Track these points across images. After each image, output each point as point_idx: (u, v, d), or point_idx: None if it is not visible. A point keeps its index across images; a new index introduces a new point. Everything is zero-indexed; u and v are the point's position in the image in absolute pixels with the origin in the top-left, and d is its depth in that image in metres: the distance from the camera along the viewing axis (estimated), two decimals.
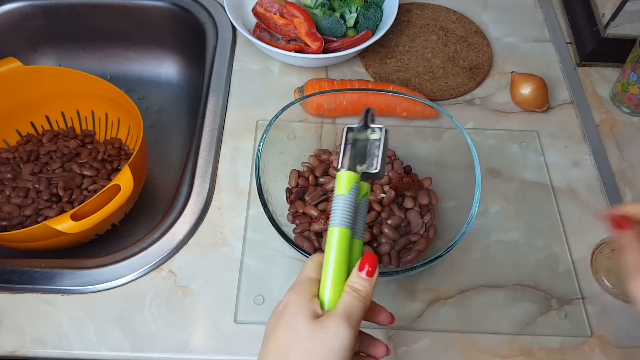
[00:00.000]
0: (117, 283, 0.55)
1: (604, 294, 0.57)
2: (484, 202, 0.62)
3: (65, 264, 0.57)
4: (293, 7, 0.71)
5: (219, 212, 0.61)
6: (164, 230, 0.59)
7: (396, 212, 0.55)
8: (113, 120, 0.74)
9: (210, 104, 0.70)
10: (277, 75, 0.74)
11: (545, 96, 0.69)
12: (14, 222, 0.64)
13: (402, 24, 0.80)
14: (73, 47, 0.87)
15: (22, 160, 0.70)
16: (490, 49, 0.78)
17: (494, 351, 0.53)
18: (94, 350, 0.52)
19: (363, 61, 0.76)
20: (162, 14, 0.83)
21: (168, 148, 0.82)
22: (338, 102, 0.65)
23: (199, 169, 0.64)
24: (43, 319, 0.53)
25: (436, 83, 0.73)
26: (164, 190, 0.76)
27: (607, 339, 0.54)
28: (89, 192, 0.68)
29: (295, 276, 0.56)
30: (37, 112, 0.74)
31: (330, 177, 0.58)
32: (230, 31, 0.78)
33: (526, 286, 0.57)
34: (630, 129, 0.71)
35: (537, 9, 0.84)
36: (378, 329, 0.54)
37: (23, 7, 0.81)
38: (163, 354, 0.52)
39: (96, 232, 0.62)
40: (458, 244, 0.49)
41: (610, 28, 0.72)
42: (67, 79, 0.69)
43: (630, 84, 0.69)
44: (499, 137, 0.69)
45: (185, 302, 0.55)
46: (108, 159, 0.72)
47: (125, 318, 0.54)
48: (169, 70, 0.89)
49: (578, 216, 0.62)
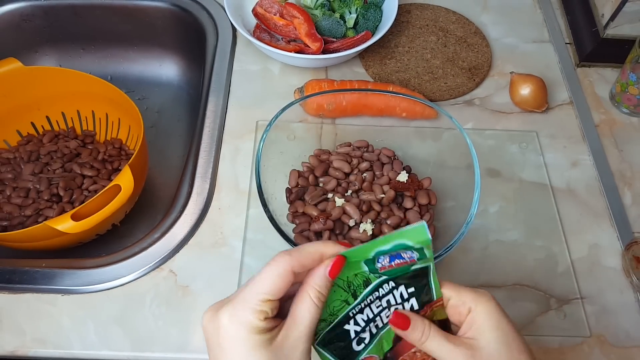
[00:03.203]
0: (118, 283, 0.55)
1: (604, 293, 0.57)
2: (483, 202, 0.62)
3: (66, 264, 0.57)
4: (293, 7, 0.71)
5: (219, 212, 0.61)
6: (165, 230, 0.59)
7: (395, 212, 0.55)
8: (113, 121, 0.74)
9: (211, 105, 0.70)
10: (277, 76, 0.74)
11: (544, 97, 0.70)
12: (14, 222, 0.64)
13: (402, 25, 0.80)
14: (73, 47, 0.87)
15: (23, 161, 0.71)
16: (490, 49, 0.78)
17: None
18: (95, 350, 0.52)
19: (363, 62, 0.76)
20: (162, 15, 0.83)
21: (168, 148, 0.82)
22: (338, 103, 0.66)
23: (199, 169, 0.64)
24: (43, 318, 0.53)
25: (436, 83, 0.73)
26: (165, 191, 0.76)
27: (606, 339, 0.54)
28: (89, 192, 0.68)
29: None
30: (37, 113, 0.74)
31: (330, 177, 0.58)
32: (230, 32, 0.78)
33: (525, 286, 0.57)
34: (629, 129, 0.71)
35: (536, 9, 0.84)
36: None
37: (23, 8, 0.81)
38: (163, 354, 0.52)
39: (97, 232, 0.63)
40: (457, 244, 0.49)
41: (610, 28, 0.72)
42: (67, 79, 0.69)
43: (630, 85, 0.69)
44: (498, 137, 0.69)
45: (185, 302, 0.55)
46: (108, 159, 0.72)
47: (126, 318, 0.54)
48: (169, 71, 0.89)
49: (577, 216, 0.62)
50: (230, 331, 0.30)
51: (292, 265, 0.31)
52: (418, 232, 0.33)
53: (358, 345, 0.35)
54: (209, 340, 0.31)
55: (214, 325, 0.31)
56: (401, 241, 0.33)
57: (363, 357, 0.35)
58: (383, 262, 0.34)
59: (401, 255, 0.34)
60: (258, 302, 0.30)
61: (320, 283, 0.31)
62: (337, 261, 0.32)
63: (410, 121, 0.68)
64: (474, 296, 0.35)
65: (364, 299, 0.35)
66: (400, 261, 0.34)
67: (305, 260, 0.32)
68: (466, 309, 0.35)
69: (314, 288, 0.31)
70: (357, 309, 0.35)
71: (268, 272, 0.31)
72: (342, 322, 0.34)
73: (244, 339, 0.30)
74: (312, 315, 0.31)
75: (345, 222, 0.54)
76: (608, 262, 0.59)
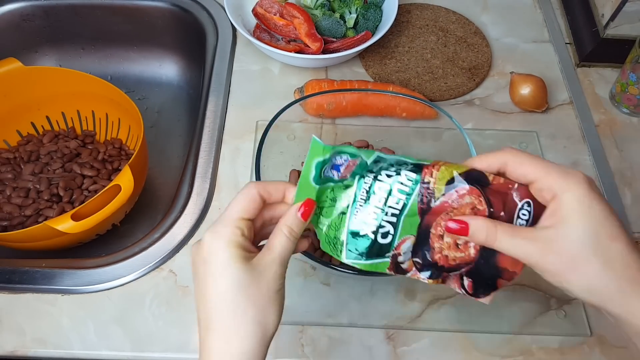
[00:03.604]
0: (118, 283, 0.55)
1: None
2: None
3: (66, 264, 0.57)
4: (293, 7, 0.71)
5: (219, 212, 0.61)
6: (165, 230, 0.59)
7: None
8: (113, 121, 0.74)
9: (211, 105, 0.70)
10: (277, 76, 0.74)
11: (544, 97, 0.70)
12: (14, 222, 0.64)
13: (402, 25, 0.80)
14: (73, 47, 0.87)
15: (23, 161, 0.71)
16: (490, 49, 0.78)
17: (493, 351, 0.53)
18: (95, 350, 0.52)
19: (363, 62, 0.76)
20: (162, 15, 0.83)
21: (168, 148, 0.82)
22: (338, 103, 0.66)
23: (199, 169, 0.64)
24: (43, 318, 0.53)
25: (436, 83, 0.73)
26: (164, 191, 0.76)
27: (606, 339, 0.54)
28: (89, 192, 0.68)
29: (295, 276, 0.57)
30: (37, 113, 0.74)
31: None
32: (230, 32, 0.78)
33: (525, 286, 0.57)
34: (629, 129, 0.71)
35: (536, 9, 0.84)
36: (377, 328, 0.54)
37: (23, 8, 0.82)
38: (163, 354, 0.52)
39: (97, 232, 0.63)
40: None
41: (610, 28, 0.72)
42: (67, 79, 0.69)
43: (630, 85, 0.69)
44: (498, 137, 0.69)
45: (185, 302, 0.55)
46: (108, 159, 0.72)
47: (126, 318, 0.54)
48: (169, 71, 0.89)
49: None
50: (212, 246, 0.34)
51: (258, 190, 0.36)
52: (314, 148, 0.37)
53: (384, 238, 0.37)
54: (195, 264, 0.35)
55: (198, 248, 0.35)
56: (314, 160, 0.37)
57: (397, 243, 0.37)
58: (334, 174, 0.37)
59: (336, 165, 0.37)
60: (234, 220, 0.35)
61: (291, 221, 0.36)
62: (307, 203, 0.36)
63: (410, 121, 0.68)
64: (561, 182, 0.31)
65: (355, 203, 0.37)
66: (344, 166, 0.37)
67: (269, 187, 0.36)
68: (550, 195, 0.32)
69: (286, 225, 0.36)
70: (356, 214, 0.37)
71: (239, 196, 0.36)
72: (355, 233, 0.37)
73: (224, 250, 0.34)
74: (283, 245, 0.35)
75: None
76: None
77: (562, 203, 0.31)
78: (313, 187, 0.37)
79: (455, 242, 0.36)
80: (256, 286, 0.33)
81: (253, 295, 0.33)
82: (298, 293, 0.56)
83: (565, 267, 0.31)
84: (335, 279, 0.57)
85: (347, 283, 0.57)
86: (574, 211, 0.30)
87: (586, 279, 0.30)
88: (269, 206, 0.37)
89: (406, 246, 0.37)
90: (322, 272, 0.57)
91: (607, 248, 0.30)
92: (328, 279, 0.57)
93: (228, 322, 0.33)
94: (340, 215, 0.38)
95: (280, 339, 0.53)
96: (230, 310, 0.33)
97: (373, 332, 0.54)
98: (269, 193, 0.36)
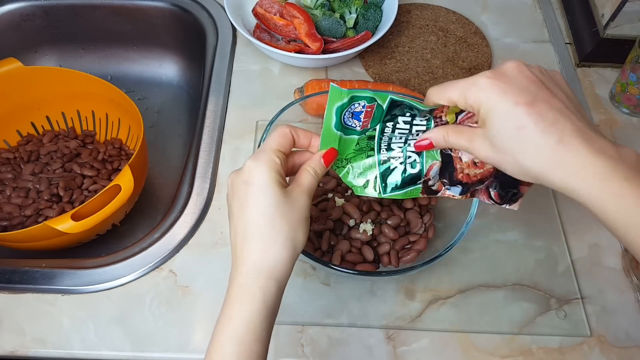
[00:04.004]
0: (118, 283, 0.55)
1: (604, 293, 0.57)
2: (482, 202, 0.62)
3: (66, 264, 0.57)
4: (293, 7, 0.71)
5: (219, 212, 0.61)
6: (164, 230, 0.59)
7: (395, 212, 0.55)
8: (113, 121, 0.74)
9: (211, 105, 0.70)
10: (277, 76, 0.74)
11: None
12: (14, 222, 0.65)
13: (402, 25, 0.80)
14: (73, 47, 0.87)
15: (23, 161, 0.71)
16: (490, 49, 0.78)
17: (493, 351, 0.53)
18: (95, 350, 0.52)
19: (363, 62, 0.76)
20: (162, 15, 0.83)
21: (168, 148, 0.82)
22: None
23: (199, 169, 0.64)
24: (43, 318, 0.53)
25: (436, 83, 0.73)
26: (164, 191, 0.76)
27: (606, 339, 0.54)
28: (89, 192, 0.68)
29: (295, 276, 0.57)
30: (37, 113, 0.74)
31: (330, 177, 0.58)
32: (230, 32, 0.78)
33: (525, 286, 0.57)
34: (629, 129, 0.71)
35: (536, 9, 0.84)
36: (377, 328, 0.54)
37: (23, 8, 0.82)
38: (163, 354, 0.52)
39: (97, 232, 0.63)
40: (457, 244, 0.49)
41: (610, 28, 0.72)
42: (67, 79, 0.69)
43: (630, 85, 0.69)
44: None
45: (185, 302, 0.55)
46: (108, 159, 0.72)
47: (126, 318, 0.54)
48: (169, 71, 0.89)
49: (577, 216, 0.62)
50: (255, 169, 0.39)
51: (290, 130, 0.41)
52: (333, 93, 0.40)
53: (413, 168, 0.43)
54: (234, 186, 0.40)
55: (238, 173, 0.40)
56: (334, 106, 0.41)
57: (426, 170, 0.43)
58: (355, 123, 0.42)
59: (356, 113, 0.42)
60: (273, 150, 0.40)
61: (315, 164, 0.42)
62: (330, 151, 0.42)
63: None
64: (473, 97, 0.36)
65: (381, 147, 0.43)
66: (363, 113, 0.42)
67: (299, 131, 0.42)
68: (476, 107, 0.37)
69: (311, 166, 0.41)
70: (383, 153, 0.43)
71: (274, 133, 0.41)
72: (386, 172, 0.43)
73: (265, 173, 0.38)
74: (309, 181, 0.41)
75: (345, 222, 0.54)
76: (608, 262, 0.59)
77: (479, 112, 0.37)
78: (335, 135, 0.42)
79: (472, 161, 0.41)
80: (290, 208, 0.38)
81: (288, 216, 0.38)
82: (298, 293, 0.56)
83: (496, 158, 0.37)
84: (335, 279, 0.57)
85: (347, 283, 0.57)
86: (485, 115, 0.36)
87: (511, 165, 0.36)
88: (299, 153, 0.43)
89: (434, 171, 0.43)
90: (322, 272, 0.57)
91: (517, 138, 0.35)
92: (328, 279, 0.57)
93: (267, 235, 0.38)
94: (369, 159, 0.43)
95: (280, 339, 0.53)
96: (268, 224, 0.38)
97: (373, 332, 0.54)
98: (298, 135, 0.42)
